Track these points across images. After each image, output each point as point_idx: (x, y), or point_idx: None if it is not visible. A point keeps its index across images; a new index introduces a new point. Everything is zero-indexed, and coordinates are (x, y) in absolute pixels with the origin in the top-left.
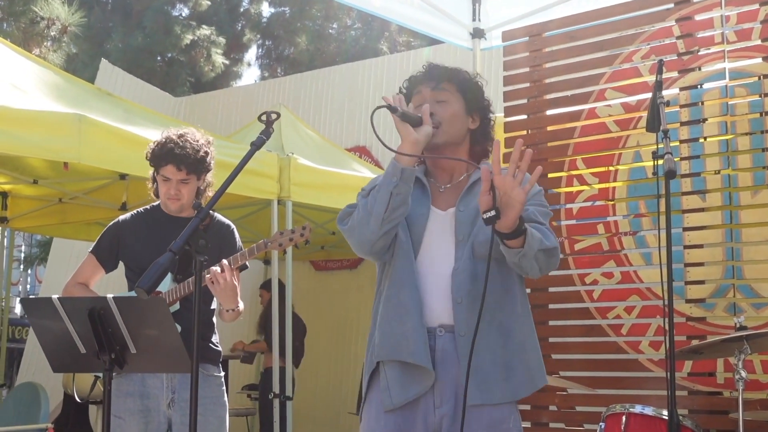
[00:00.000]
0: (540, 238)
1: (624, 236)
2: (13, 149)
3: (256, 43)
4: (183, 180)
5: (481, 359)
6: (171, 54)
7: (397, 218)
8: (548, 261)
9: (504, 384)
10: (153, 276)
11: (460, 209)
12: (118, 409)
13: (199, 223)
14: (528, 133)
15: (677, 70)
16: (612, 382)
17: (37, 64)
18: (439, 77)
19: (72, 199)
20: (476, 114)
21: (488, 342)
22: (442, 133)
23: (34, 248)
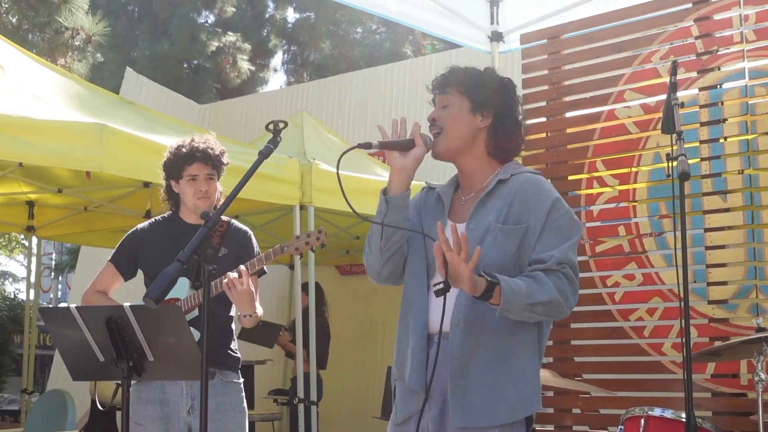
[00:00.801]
0: (528, 293)
1: (645, 238)
2: (36, 159)
3: (281, 49)
4: (209, 175)
5: (472, 382)
6: (197, 61)
7: (395, 245)
8: (553, 311)
9: (491, 407)
10: (161, 286)
11: (470, 227)
12: (139, 415)
13: (207, 233)
14: (547, 135)
15: (696, 71)
16: (635, 385)
17: (59, 74)
18: (445, 82)
19: (97, 207)
20: (487, 110)
21: (482, 363)
22: (443, 140)
23: (64, 256)
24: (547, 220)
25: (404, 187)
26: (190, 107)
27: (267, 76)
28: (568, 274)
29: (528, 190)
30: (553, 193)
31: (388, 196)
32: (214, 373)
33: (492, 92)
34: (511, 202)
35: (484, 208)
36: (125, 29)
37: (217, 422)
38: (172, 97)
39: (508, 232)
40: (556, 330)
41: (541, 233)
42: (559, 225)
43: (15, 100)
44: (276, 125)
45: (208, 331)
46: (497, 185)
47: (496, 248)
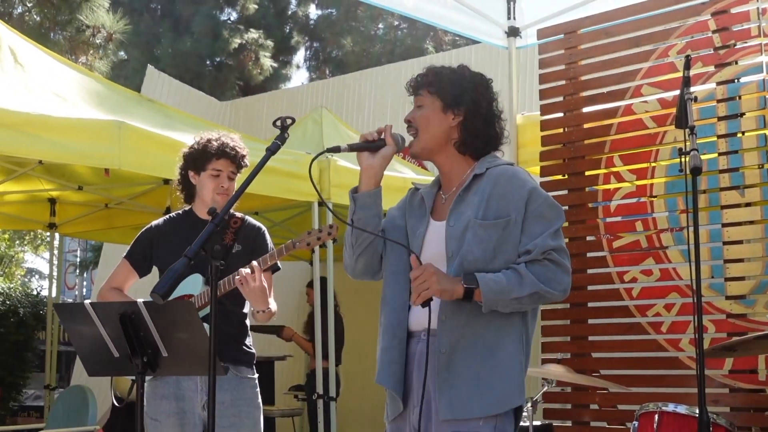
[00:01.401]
0: (509, 289)
1: (662, 233)
2: (56, 156)
3: (304, 46)
4: (232, 173)
5: (458, 374)
6: (220, 58)
7: (365, 242)
8: (543, 299)
9: (477, 399)
10: (168, 281)
11: (450, 223)
12: (154, 411)
13: (214, 229)
14: (564, 130)
15: (714, 65)
16: (653, 381)
17: (79, 72)
18: (418, 84)
19: (117, 204)
20: (458, 108)
21: (468, 357)
22: (417, 141)
23: (88, 252)
24: (527, 210)
25: (372, 185)
26: (211, 104)
27: (289, 72)
28: (554, 258)
29: (504, 183)
30: (530, 182)
31: (356, 195)
32: (228, 369)
33: (462, 90)
34: (489, 197)
35: (462, 203)
36: (148, 27)
37: (232, 418)
38: (193, 94)
39: (488, 227)
40: (574, 326)
41: (524, 224)
42: (540, 212)
43: (35, 98)
44: (283, 121)
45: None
46: (473, 180)
47: (477, 244)
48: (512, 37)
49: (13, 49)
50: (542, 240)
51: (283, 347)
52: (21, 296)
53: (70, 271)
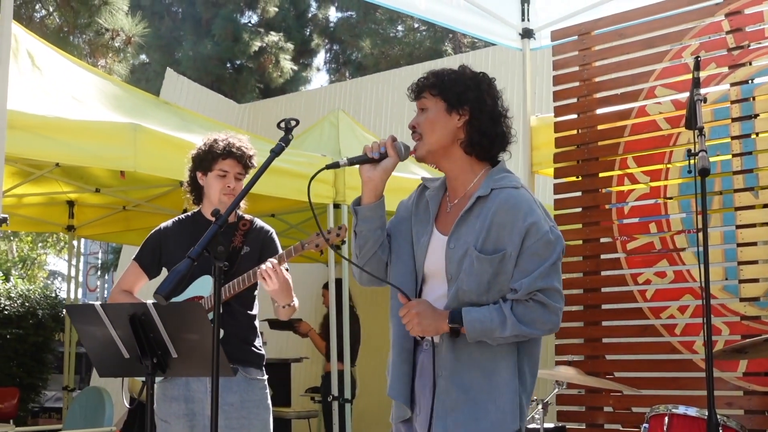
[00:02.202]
0: (491, 329)
1: (676, 235)
2: (72, 159)
3: (323, 48)
4: (239, 174)
5: (456, 398)
6: (240, 61)
7: (368, 252)
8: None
9: (474, 425)
10: (171, 282)
11: (450, 246)
12: (164, 413)
13: (217, 230)
14: (578, 132)
15: (727, 66)
16: (666, 383)
17: (96, 75)
18: (419, 87)
19: (135, 206)
20: (463, 107)
21: (465, 381)
22: (423, 144)
23: (109, 255)
24: (523, 246)
25: (373, 198)
26: (230, 107)
27: (310, 75)
28: (540, 300)
29: (505, 212)
30: (531, 216)
31: (358, 207)
32: (237, 370)
33: (465, 88)
34: (490, 226)
35: (464, 225)
36: (169, 30)
37: (242, 419)
38: (212, 97)
39: (484, 261)
40: (587, 328)
41: (518, 259)
42: (534, 250)
43: (51, 101)
44: (288, 123)
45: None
46: (477, 201)
47: (472, 275)
48: (526, 38)
49: (31, 53)
50: (529, 281)
51: (300, 349)
52: (40, 298)
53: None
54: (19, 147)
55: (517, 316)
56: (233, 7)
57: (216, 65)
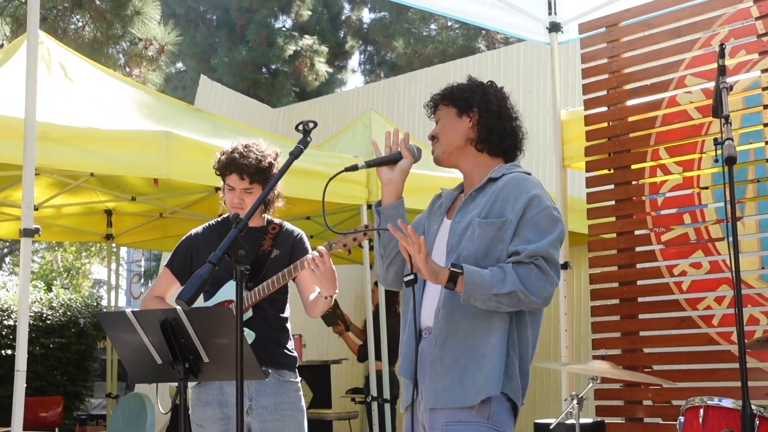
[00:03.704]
0: (491, 284)
1: (711, 225)
2: (106, 168)
3: (358, 50)
4: (246, 189)
5: (447, 366)
6: (275, 66)
7: (392, 251)
8: (520, 302)
9: (458, 390)
10: (193, 287)
11: (456, 220)
12: (199, 417)
13: (237, 234)
14: (609, 124)
15: (758, 52)
16: (705, 375)
17: (129, 85)
18: (434, 103)
19: (171, 213)
20: (472, 109)
21: (457, 349)
22: (438, 146)
23: (152, 262)
24: (524, 215)
25: (394, 198)
26: (265, 112)
27: (345, 77)
28: (541, 266)
29: (511, 187)
30: (534, 190)
31: (380, 208)
32: (269, 373)
33: (471, 93)
34: (495, 199)
35: (471, 203)
36: (204, 38)
37: (276, 422)
38: (246, 102)
39: (485, 226)
40: (624, 321)
41: (518, 228)
42: (536, 221)
43: (84, 112)
44: (306, 125)
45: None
46: (487, 183)
47: (472, 241)
48: (554, 32)
49: (63, 65)
50: (535, 245)
51: (340, 351)
52: (81, 307)
53: (135, 281)
54: (54, 158)
55: (519, 274)
56: (267, 12)
57: (251, 71)
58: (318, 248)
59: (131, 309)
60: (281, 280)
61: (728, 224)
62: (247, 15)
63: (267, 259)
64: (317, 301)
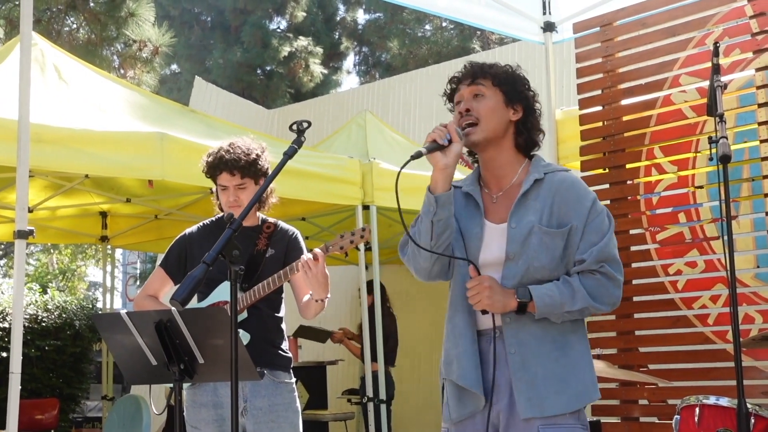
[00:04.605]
0: (561, 303)
1: (706, 224)
2: (100, 170)
3: (353, 51)
4: (239, 185)
5: (533, 373)
6: (270, 67)
7: (445, 242)
8: (591, 312)
9: (557, 397)
10: (187, 288)
11: (512, 225)
12: (194, 419)
13: (231, 234)
14: (604, 124)
15: (752, 51)
16: (701, 373)
17: (123, 86)
18: (474, 74)
19: (166, 215)
20: (518, 105)
21: (540, 356)
22: (480, 130)
23: (147, 264)
24: (588, 220)
25: (449, 185)
26: (259, 113)
27: (340, 78)
28: (607, 272)
29: (567, 190)
30: (591, 192)
31: (437, 195)
32: (264, 374)
33: (523, 87)
34: (552, 203)
35: (522, 207)
36: (199, 39)
37: (270, 423)
38: (241, 103)
39: (555, 235)
40: (620, 321)
41: (583, 233)
42: (597, 224)
43: (78, 114)
44: (299, 125)
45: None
46: (534, 184)
47: (545, 251)
48: (548, 32)
49: (57, 67)
50: (598, 249)
51: (336, 352)
52: (77, 309)
53: (131, 284)
54: (48, 160)
55: (586, 288)
56: (262, 13)
57: (246, 72)
58: (313, 251)
59: (126, 310)
60: (276, 282)
61: (723, 223)
62: (241, 16)
63: (262, 258)
64: (309, 303)
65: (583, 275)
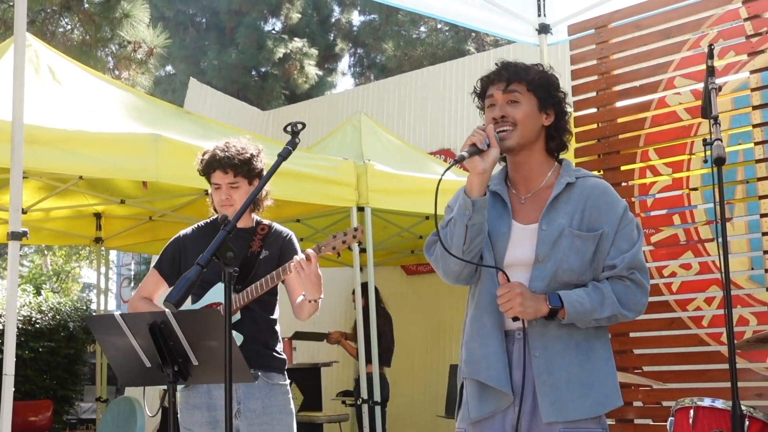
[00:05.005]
0: (591, 310)
1: (701, 226)
2: (95, 171)
3: (348, 52)
4: (232, 184)
5: (557, 377)
6: (265, 68)
7: (477, 246)
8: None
9: (580, 401)
10: (181, 289)
11: (543, 227)
12: (188, 421)
13: (225, 236)
14: (598, 126)
15: (746, 53)
16: (695, 375)
17: (117, 87)
18: (509, 78)
19: (161, 216)
20: (550, 109)
21: (565, 360)
22: (517, 135)
23: (142, 265)
24: (619, 227)
25: (485, 190)
26: (254, 114)
27: (335, 80)
28: (637, 280)
29: (599, 196)
30: (622, 200)
31: (474, 199)
32: (258, 376)
33: (555, 91)
34: (584, 208)
35: (553, 210)
36: (194, 40)
37: (264, 425)
38: (236, 105)
39: (586, 239)
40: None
41: (614, 239)
42: (627, 232)
43: (72, 115)
44: (294, 127)
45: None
46: (566, 188)
47: (575, 254)
48: (543, 34)
49: (52, 68)
50: (630, 256)
51: (330, 354)
52: (70, 310)
53: (125, 285)
54: (42, 161)
55: (616, 294)
56: (257, 15)
57: (241, 73)
58: (306, 251)
59: (120, 312)
60: (269, 282)
61: (717, 225)
62: (236, 18)
63: (256, 260)
64: (303, 304)
65: (612, 281)
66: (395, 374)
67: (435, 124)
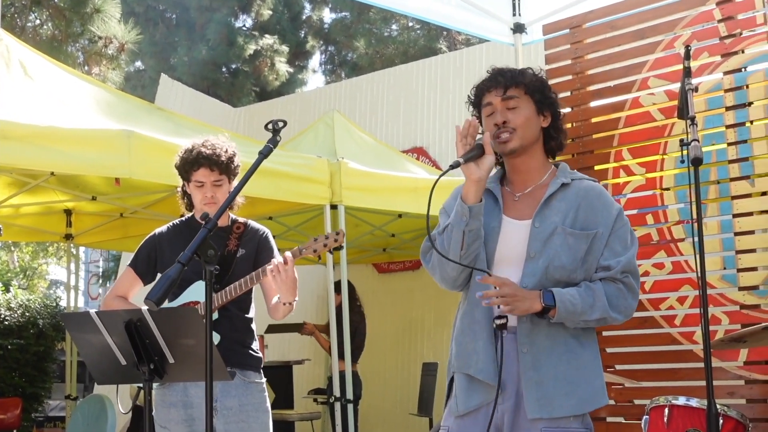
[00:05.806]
0: (582, 311)
1: (674, 226)
2: (66, 167)
3: (319, 50)
4: (216, 182)
5: (544, 374)
6: (235, 65)
7: (474, 251)
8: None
9: (565, 399)
10: (161, 288)
11: (536, 225)
12: (163, 419)
13: (207, 234)
14: (572, 125)
15: (720, 54)
16: (668, 374)
17: (89, 83)
18: (506, 84)
19: (132, 213)
20: (547, 111)
21: (552, 357)
22: (518, 138)
23: (110, 263)
24: (614, 228)
25: (481, 196)
26: (225, 111)
27: (305, 77)
28: (629, 284)
29: (594, 198)
30: (615, 203)
31: (471, 206)
32: (234, 374)
33: (550, 92)
34: (578, 208)
35: (547, 208)
36: (164, 36)
37: (241, 423)
38: (207, 101)
39: (579, 237)
40: None
41: (608, 240)
42: (621, 235)
43: (44, 110)
44: (275, 124)
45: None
46: (560, 188)
47: (566, 251)
48: (518, 33)
49: (23, 63)
50: (626, 260)
51: (302, 351)
52: (40, 307)
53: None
54: (13, 157)
55: (608, 296)
56: (227, 11)
57: (211, 70)
58: (284, 254)
59: (95, 310)
60: (247, 284)
61: (693, 225)
62: (207, 14)
63: (233, 258)
64: (278, 306)
65: (605, 282)
66: (367, 372)
67: (408, 122)
